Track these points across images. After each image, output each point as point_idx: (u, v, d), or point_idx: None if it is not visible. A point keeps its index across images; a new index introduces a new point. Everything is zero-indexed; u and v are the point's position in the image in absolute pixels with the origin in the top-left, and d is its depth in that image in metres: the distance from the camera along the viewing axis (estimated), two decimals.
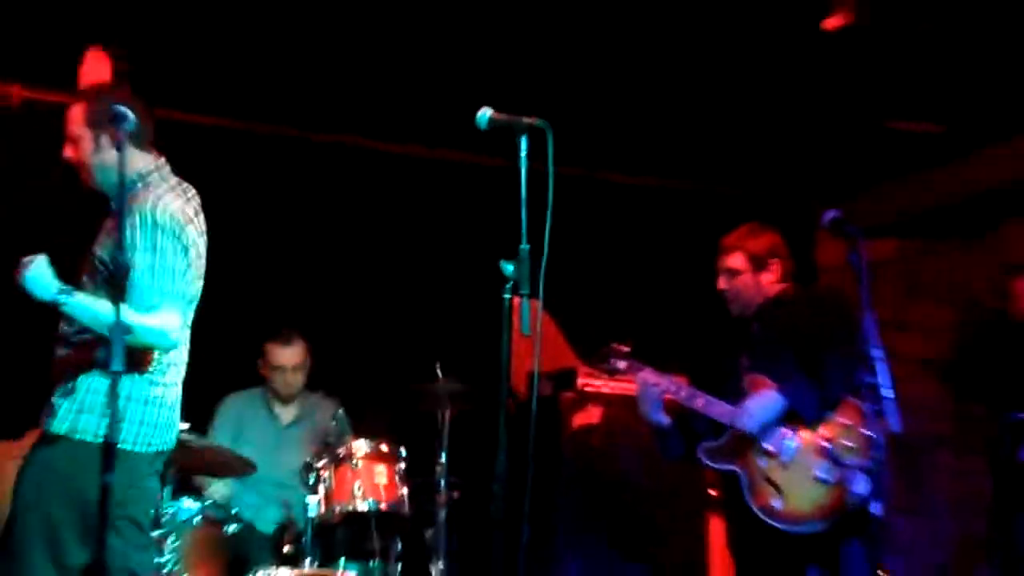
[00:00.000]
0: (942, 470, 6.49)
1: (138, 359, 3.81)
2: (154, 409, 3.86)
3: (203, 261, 4.02)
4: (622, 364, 4.55)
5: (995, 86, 5.48)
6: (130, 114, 3.41)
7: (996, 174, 6.04)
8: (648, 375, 4.46)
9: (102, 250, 3.85)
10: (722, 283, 4.55)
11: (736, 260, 4.52)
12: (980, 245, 6.33)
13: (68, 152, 4.01)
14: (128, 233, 3.73)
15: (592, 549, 5.37)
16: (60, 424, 3.79)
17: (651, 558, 5.41)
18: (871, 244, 6.22)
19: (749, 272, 4.49)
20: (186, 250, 3.89)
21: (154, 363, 3.89)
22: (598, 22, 5.23)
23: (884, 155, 6.33)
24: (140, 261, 3.82)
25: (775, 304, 4.49)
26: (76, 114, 4.00)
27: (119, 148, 3.41)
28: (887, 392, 3.56)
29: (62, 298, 3.75)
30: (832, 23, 4.88)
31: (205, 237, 4.04)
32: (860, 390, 3.86)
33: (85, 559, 3.64)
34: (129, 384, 3.77)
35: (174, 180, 4.05)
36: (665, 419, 4.47)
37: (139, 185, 3.94)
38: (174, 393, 3.95)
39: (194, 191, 4.08)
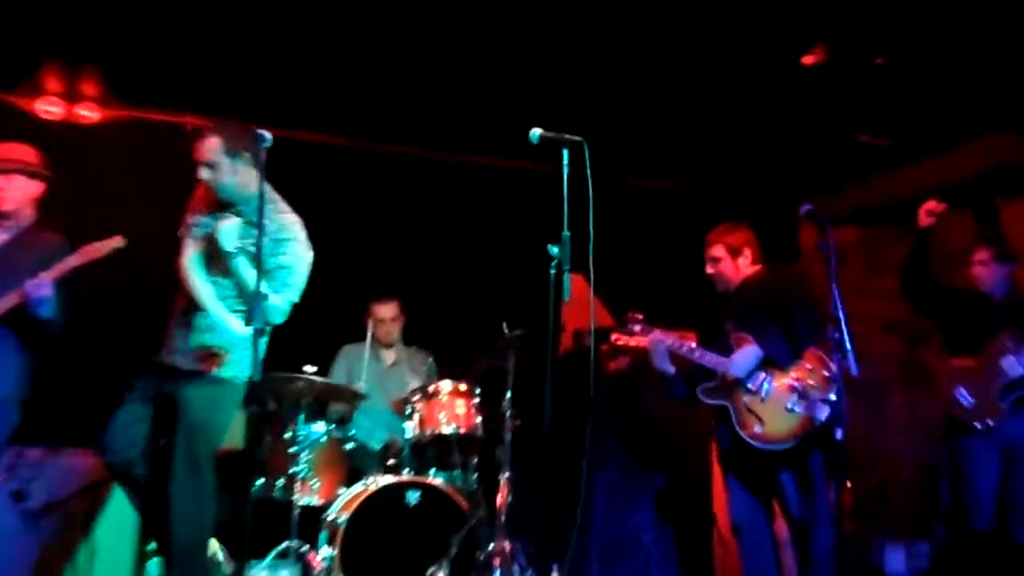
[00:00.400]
0: (894, 405, 6.62)
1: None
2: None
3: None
4: (637, 327, 4.94)
5: (933, 109, 5.69)
6: (268, 136, 3.61)
7: (935, 176, 6.24)
8: (657, 334, 4.88)
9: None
10: (708, 269, 4.95)
11: (717, 251, 4.91)
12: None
13: (205, 175, 4.26)
14: (268, 236, 4.08)
15: (621, 463, 5.61)
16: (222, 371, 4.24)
17: (668, 469, 5.65)
18: (839, 231, 6.69)
19: (728, 259, 4.89)
20: (305, 248, 4.33)
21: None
22: (620, 58, 5.43)
23: (850, 162, 6.57)
24: (276, 259, 4.25)
25: (751, 281, 4.85)
26: (213, 143, 4.23)
27: (259, 167, 3.68)
28: (847, 344, 3.90)
29: (237, 252, 4.18)
30: (809, 59, 5.15)
31: None
32: (825, 342, 4.22)
33: None
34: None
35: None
36: (671, 368, 4.88)
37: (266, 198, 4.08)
38: None
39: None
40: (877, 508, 6.38)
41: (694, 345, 4.84)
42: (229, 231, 4.22)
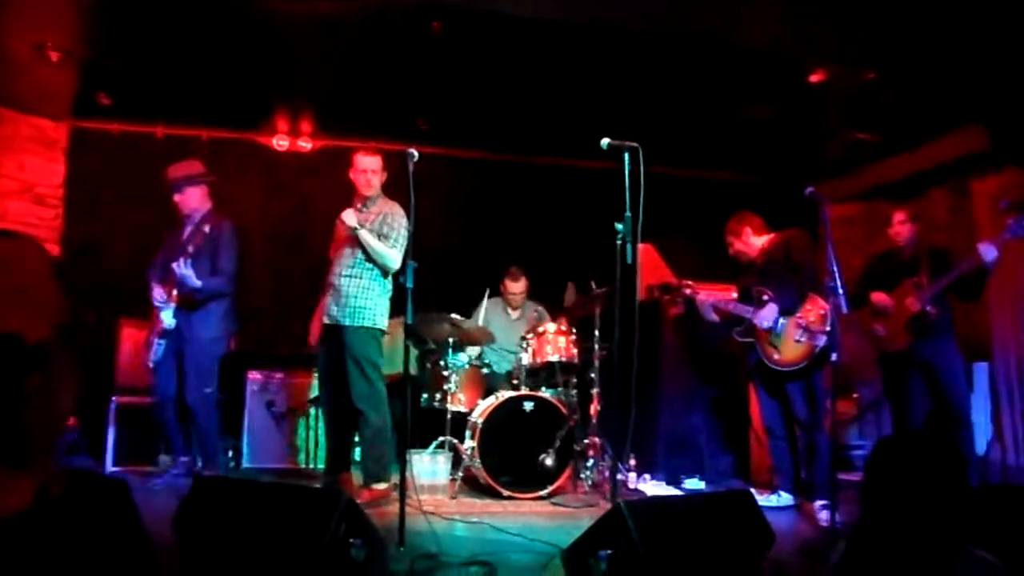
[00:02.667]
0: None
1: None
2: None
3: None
4: (688, 290, 4.92)
5: (913, 111, 5.37)
6: (415, 152, 3.48)
7: (917, 163, 5.97)
8: (703, 295, 4.84)
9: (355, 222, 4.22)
10: (730, 251, 4.80)
11: (727, 238, 4.77)
12: (910, 204, 6.13)
13: (373, 185, 4.35)
14: (385, 220, 4.30)
15: (679, 380, 5.45)
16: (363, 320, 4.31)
17: (714, 385, 5.49)
18: (846, 206, 6.39)
19: (736, 240, 4.75)
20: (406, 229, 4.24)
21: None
22: (672, 84, 5.21)
23: (852, 153, 6.23)
24: (393, 233, 4.30)
25: (764, 249, 4.69)
26: (379, 161, 4.39)
27: (412, 177, 3.46)
28: (839, 289, 3.73)
29: (360, 227, 4.23)
30: (815, 78, 4.87)
31: None
32: (822, 288, 4.07)
33: None
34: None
35: None
36: (714, 317, 4.87)
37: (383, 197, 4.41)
38: None
39: None
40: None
41: (731, 300, 4.77)
42: (348, 214, 4.29)
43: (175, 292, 4.49)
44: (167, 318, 4.48)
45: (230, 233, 4.61)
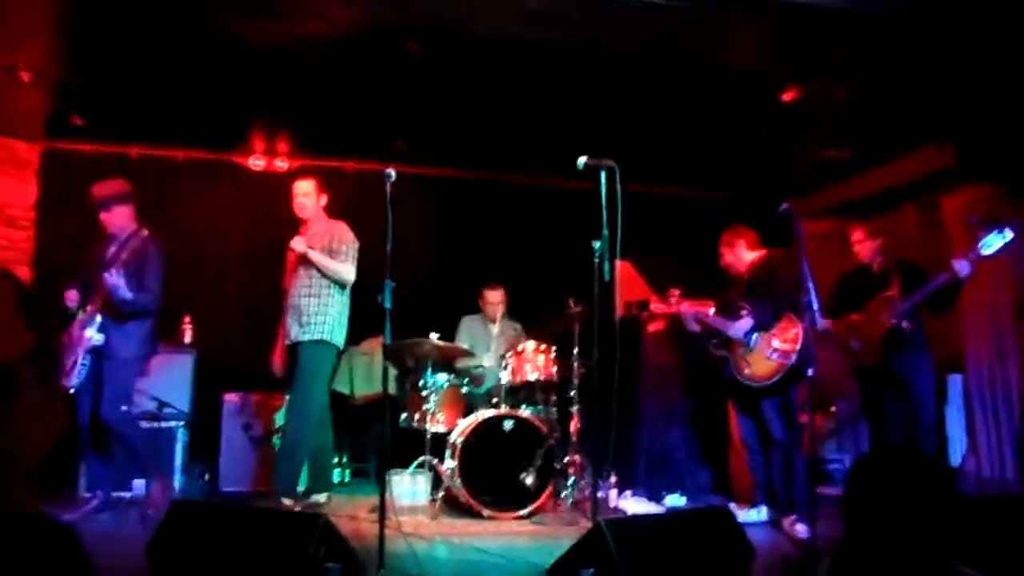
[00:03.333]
0: None
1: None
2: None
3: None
4: (674, 299, 4.82)
5: (882, 127, 5.41)
6: (392, 172, 3.42)
7: (889, 179, 6.00)
8: (687, 305, 4.76)
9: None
10: (721, 263, 4.79)
11: (721, 249, 4.77)
12: (881, 219, 6.10)
13: (307, 207, 4.62)
14: (333, 238, 4.53)
15: (658, 398, 5.47)
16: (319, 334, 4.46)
17: (693, 402, 5.53)
18: (819, 222, 6.44)
19: (728, 252, 4.75)
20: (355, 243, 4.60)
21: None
22: (649, 103, 5.22)
23: (824, 170, 6.28)
24: (343, 248, 4.53)
25: (752, 264, 4.70)
26: (312, 184, 4.65)
27: (390, 197, 3.37)
28: (814, 305, 3.72)
29: (309, 251, 4.43)
30: (787, 96, 4.89)
31: None
32: (798, 306, 4.01)
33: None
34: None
35: None
36: (696, 327, 4.77)
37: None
38: None
39: None
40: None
41: (711, 312, 4.72)
42: (297, 242, 4.52)
43: (94, 306, 4.34)
44: (93, 333, 4.31)
45: (156, 252, 4.49)
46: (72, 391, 4.31)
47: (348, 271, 4.59)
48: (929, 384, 4.51)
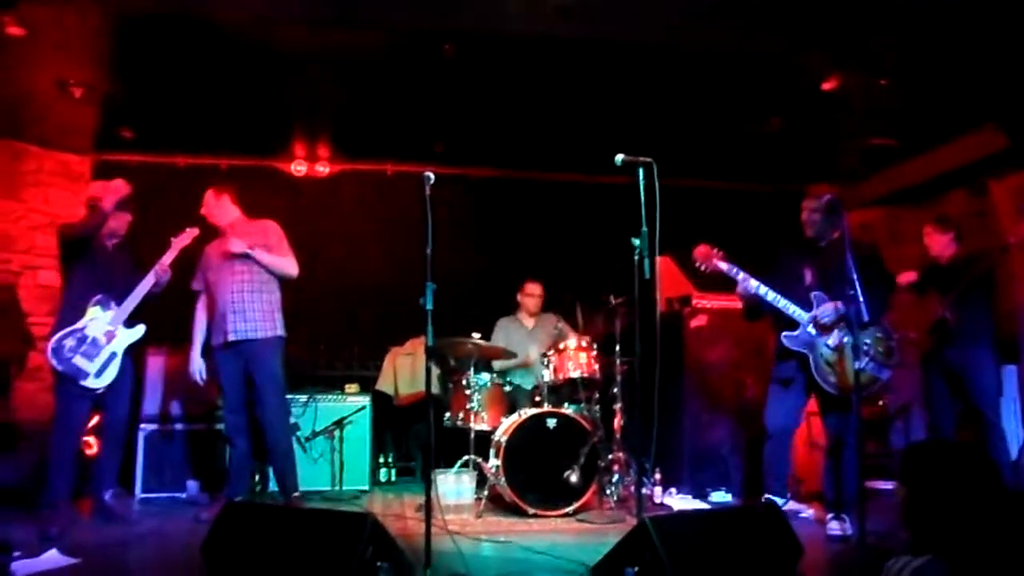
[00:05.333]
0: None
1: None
2: None
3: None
4: (724, 264, 4.25)
5: (927, 114, 5.33)
6: (431, 175, 3.39)
7: (938, 166, 5.89)
8: (744, 276, 4.22)
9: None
10: (804, 216, 4.25)
11: (811, 203, 4.22)
12: (931, 207, 6.15)
13: (226, 216, 4.61)
14: (266, 235, 4.55)
15: (703, 395, 5.36)
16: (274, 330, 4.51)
17: (735, 398, 5.40)
18: (867, 211, 6.31)
19: (822, 214, 4.21)
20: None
21: None
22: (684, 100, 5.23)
23: (871, 158, 6.19)
24: (283, 243, 4.62)
25: (838, 243, 4.04)
26: (209, 195, 4.64)
27: (429, 199, 3.36)
28: (860, 296, 3.59)
29: (254, 250, 4.45)
30: (828, 85, 4.81)
31: None
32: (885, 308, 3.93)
33: None
34: None
35: None
36: (753, 292, 4.20)
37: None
38: None
39: None
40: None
41: (778, 296, 4.19)
42: (236, 241, 4.48)
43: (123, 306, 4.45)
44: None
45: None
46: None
47: (293, 264, 4.65)
48: (990, 375, 4.46)
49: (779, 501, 4.20)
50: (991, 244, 4.62)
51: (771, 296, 4.19)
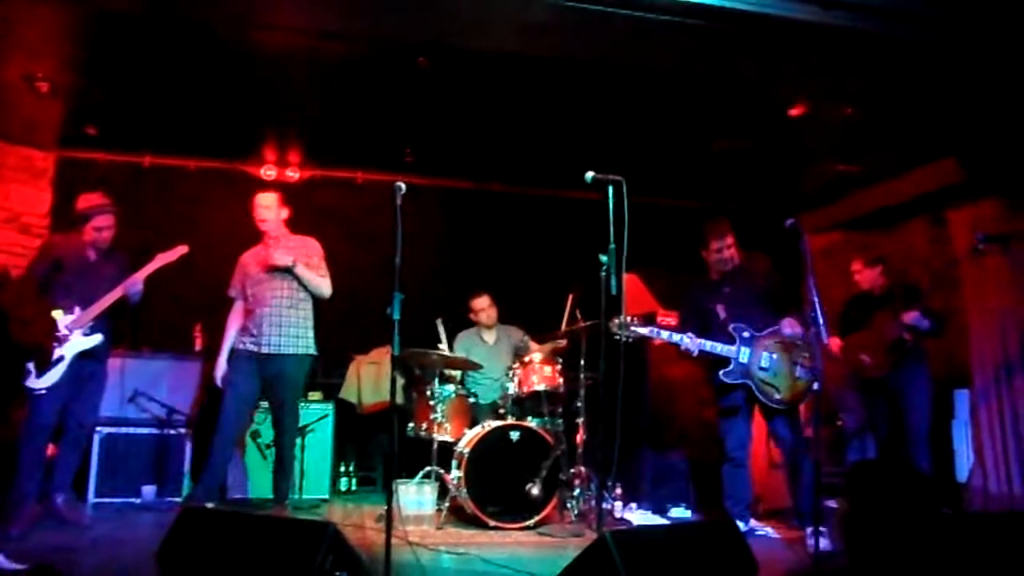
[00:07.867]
0: None
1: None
2: None
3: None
4: (665, 331, 4.49)
5: (890, 143, 5.43)
6: (402, 185, 3.37)
7: (898, 194, 6.00)
8: (687, 339, 4.40)
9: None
10: (710, 256, 4.53)
11: (715, 241, 4.51)
12: (890, 233, 6.33)
13: (267, 220, 4.58)
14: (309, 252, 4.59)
15: (668, 406, 5.43)
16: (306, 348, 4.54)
17: (694, 414, 5.46)
18: (829, 235, 6.41)
19: (726, 246, 4.50)
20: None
21: None
22: (657, 118, 5.26)
23: (834, 185, 6.29)
24: (322, 263, 4.65)
25: (739, 268, 4.51)
26: (274, 199, 4.61)
27: (399, 209, 3.31)
28: (820, 318, 3.73)
29: (294, 266, 4.42)
30: (794, 112, 4.91)
31: None
32: (804, 318, 4.10)
33: None
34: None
35: None
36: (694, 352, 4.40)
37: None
38: None
39: None
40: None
41: (701, 340, 4.40)
42: (280, 253, 4.49)
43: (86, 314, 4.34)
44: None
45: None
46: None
47: (328, 285, 4.69)
48: (924, 397, 4.68)
49: (740, 525, 4.21)
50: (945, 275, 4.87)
51: (709, 346, 4.39)
